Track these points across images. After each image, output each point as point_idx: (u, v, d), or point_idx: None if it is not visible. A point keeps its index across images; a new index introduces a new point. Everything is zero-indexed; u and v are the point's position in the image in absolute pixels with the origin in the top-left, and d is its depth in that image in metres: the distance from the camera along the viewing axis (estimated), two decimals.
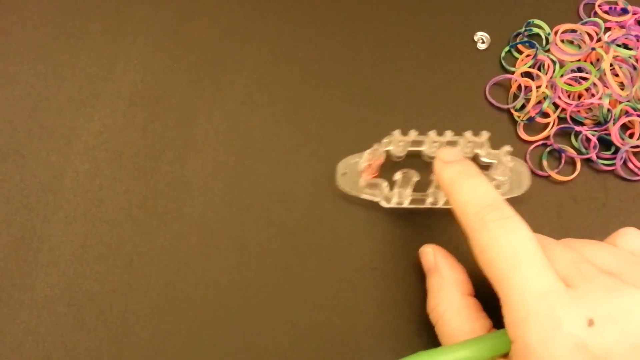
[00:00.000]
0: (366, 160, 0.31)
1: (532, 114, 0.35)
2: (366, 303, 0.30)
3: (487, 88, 0.36)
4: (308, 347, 0.29)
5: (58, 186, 0.33)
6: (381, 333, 0.30)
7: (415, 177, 0.30)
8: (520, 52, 0.38)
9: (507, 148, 0.31)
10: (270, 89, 0.31)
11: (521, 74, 0.36)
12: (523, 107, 0.35)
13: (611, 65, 0.35)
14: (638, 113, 0.34)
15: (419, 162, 0.32)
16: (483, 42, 0.38)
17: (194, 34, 0.38)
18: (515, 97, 0.36)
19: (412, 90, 0.36)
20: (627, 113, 0.34)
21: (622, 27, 0.37)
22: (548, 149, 0.34)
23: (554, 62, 0.36)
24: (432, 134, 0.32)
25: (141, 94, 0.36)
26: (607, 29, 0.37)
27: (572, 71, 0.35)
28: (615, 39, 0.36)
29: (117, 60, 0.37)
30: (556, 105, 0.35)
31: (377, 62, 0.37)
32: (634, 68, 0.35)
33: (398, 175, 0.31)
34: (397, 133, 0.32)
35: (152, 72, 0.37)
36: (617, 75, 0.35)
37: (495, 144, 0.35)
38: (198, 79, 0.37)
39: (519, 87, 0.36)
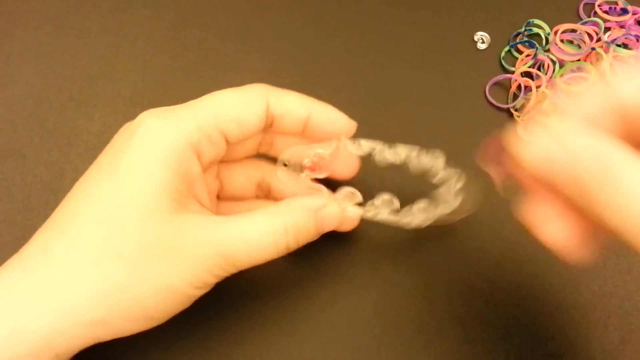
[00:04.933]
0: (315, 155, 0.28)
1: None
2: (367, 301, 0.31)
3: (487, 88, 0.36)
4: (308, 346, 0.29)
5: (59, 186, 0.33)
6: (382, 332, 0.30)
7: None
8: (520, 52, 0.38)
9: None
10: None
11: (521, 73, 0.36)
12: (523, 106, 0.35)
13: (611, 65, 0.35)
14: None
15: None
16: (483, 42, 0.38)
17: (194, 34, 0.39)
18: (515, 96, 0.36)
19: (412, 90, 0.36)
20: None
21: (622, 27, 0.37)
22: None
23: (553, 62, 0.36)
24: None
25: (141, 93, 0.36)
26: (607, 29, 0.37)
27: (572, 71, 0.35)
28: (615, 39, 0.36)
29: (117, 60, 0.38)
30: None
31: (377, 62, 0.38)
32: None
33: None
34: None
35: (152, 71, 0.37)
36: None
37: None
38: (198, 78, 0.37)
39: (519, 86, 0.36)
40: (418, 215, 0.29)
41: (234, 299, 0.30)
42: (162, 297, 0.23)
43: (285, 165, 0.29)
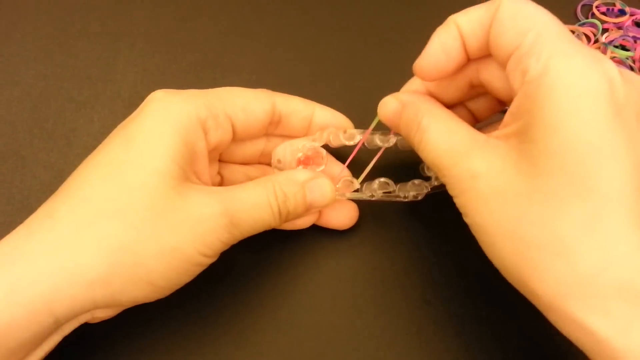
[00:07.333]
0: (301, 150, 0.28)
1: None
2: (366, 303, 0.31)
3: None
4: (307, 346, 0.29)
5: (58, 187, 0.33)
6: (380, 333, 0.30)
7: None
8: None
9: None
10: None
11: None
12: None
13: None
14: None
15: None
16: None
17: (193, 35, 0.39)
18: None
19: None
20: None
21: (619, 28, 0.38)
22: None
23: None
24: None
25: (140, 94, 0.36)
26: (605, 30, 0.38)
27: None
28: (612, 40, 0.36)
29: (116, 61, 0.38)
30: None
31: (376, 62, 0.38)
32: (631, 69, 0.35)
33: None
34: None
35: (151, 73, 0.37)
36: None
37: None
38: (197, 79, 0.37)
39: None
40: (411, 190, 0.30)
41: (232, 299, 0.30)
42: (167, 260, 0.22)
43: (279, 161, 0.29)
